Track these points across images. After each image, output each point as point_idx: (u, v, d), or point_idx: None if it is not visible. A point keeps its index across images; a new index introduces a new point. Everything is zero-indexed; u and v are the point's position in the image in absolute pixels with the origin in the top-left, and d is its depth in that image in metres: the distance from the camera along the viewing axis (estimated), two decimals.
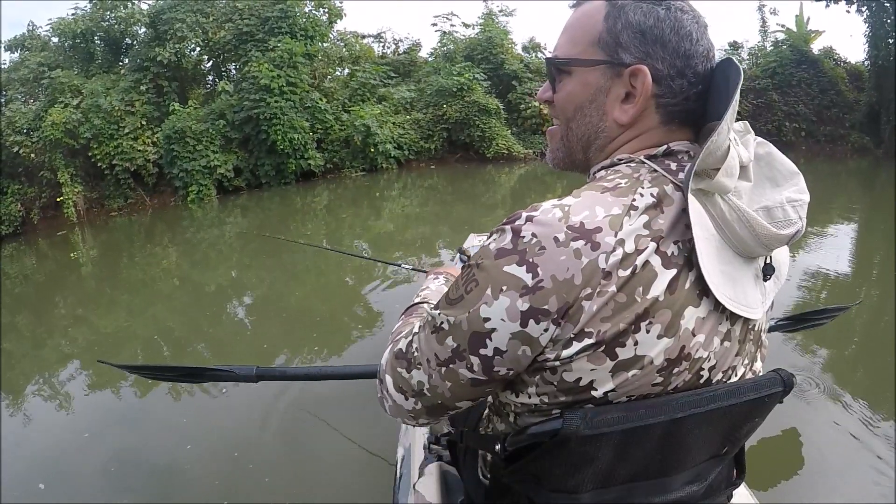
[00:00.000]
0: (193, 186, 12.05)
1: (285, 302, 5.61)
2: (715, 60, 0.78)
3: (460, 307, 0.71)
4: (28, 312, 6.65)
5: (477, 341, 0.70)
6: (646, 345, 0.67)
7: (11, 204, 11.62)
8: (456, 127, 14.25)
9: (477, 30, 16.45)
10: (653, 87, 0.75)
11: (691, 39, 0.75)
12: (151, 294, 6.74)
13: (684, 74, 0.75)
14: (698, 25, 0.76)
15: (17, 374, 4.59)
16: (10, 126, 11.75)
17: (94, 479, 2.81)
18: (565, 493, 0.77)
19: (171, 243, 9.58)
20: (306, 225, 9.50)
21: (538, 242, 0.66)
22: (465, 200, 10.16)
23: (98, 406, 3.70)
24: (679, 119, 0.79)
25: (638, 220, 0.68)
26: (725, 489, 0.93)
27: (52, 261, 9.71)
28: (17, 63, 14.27)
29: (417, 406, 0.82)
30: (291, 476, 2.63)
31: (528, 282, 0.65)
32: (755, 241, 0.72)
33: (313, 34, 13.93)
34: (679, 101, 0.77)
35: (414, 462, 1.37)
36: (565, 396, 0.71)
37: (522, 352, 0.69)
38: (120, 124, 12.17)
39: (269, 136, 12.38)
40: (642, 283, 0.66)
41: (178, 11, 13.20)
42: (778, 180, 0.78)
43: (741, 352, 0.78)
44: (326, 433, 2.92)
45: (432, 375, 0.77)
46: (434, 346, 0.75)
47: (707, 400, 0.73)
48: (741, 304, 0.72)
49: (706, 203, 0.72)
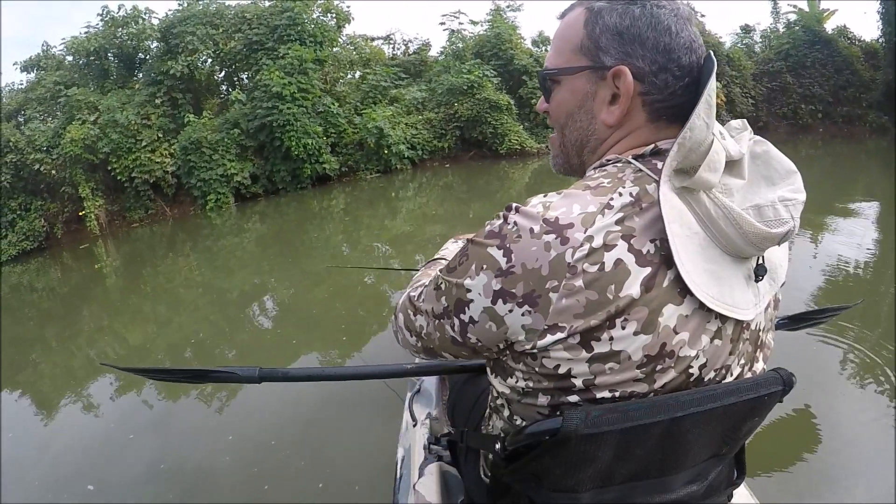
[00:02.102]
0: (211, 195, 12.19)
1: (309, 304, 5.65)
2: (701, 51, 0.78)
3: (454, 275, 0.78)
4: (56, 324, 6.75)
5: (459, 306, 0.78)
6: (622, 341, 0.69)
7: (35, 220, 11.86)
8: (468, 125, 14.25)
9: (485, 27, 16.44)
10: (637, 86, 0.77)
11: (670, 33, 0.75)
12: (175, 302, 6.81)
13: (667, 69, 0.76)
14: (677, 18, 0.76)
15: (48, 384, 4.69)
16: (30, 144, 11.94)
17: (143, 477, 2.86)
18: (565, 492, 0.78)
19: (192, 251, 9.69)
20: (324, 229, 9.54)
21: (517, 231, 0.70)
22: (481, 197, 10.14)
23: (136, 409, 3.76)
24: (667, 116, 0.79)
25: (611, 217, 0.69)
26: (726, 489, 0.94)
27: (77, 273, 9.85)
28: (33, 83, 14.52)
29: (418, 344, 0.93)
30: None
31: (502, 265, 0.71)
32: (743, 239, 0.71)
33: (322, 39, 14.03)
34: (666, 97, 0.77)
35: (414, 462, 1.36)
36: (548, 382, 0.74)
37: (489, 327, 0.75)
38: (137, 138, 12.34)
39: (283, 143, 12.47)
40: (614, 282, 0.67)
41: (189, 24, 13.38)
42: (774, 179, 0.77)
43: (735, 351, 0.78)
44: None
45: (428, 324, 0.86)
46: (432, 301, 0.84)
47: (707, 399, 0.74)
48: (726, 304, 0.72)
49: (690, 200, 0.72)
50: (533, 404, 0.78)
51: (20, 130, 12.35)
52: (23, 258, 11.51)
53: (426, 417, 1.60)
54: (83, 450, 3.27)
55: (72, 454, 3.24)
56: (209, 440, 3.12)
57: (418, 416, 1.63)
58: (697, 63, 0.76)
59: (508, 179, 12.12)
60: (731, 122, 0.82)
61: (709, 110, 0.70)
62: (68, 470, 3.07)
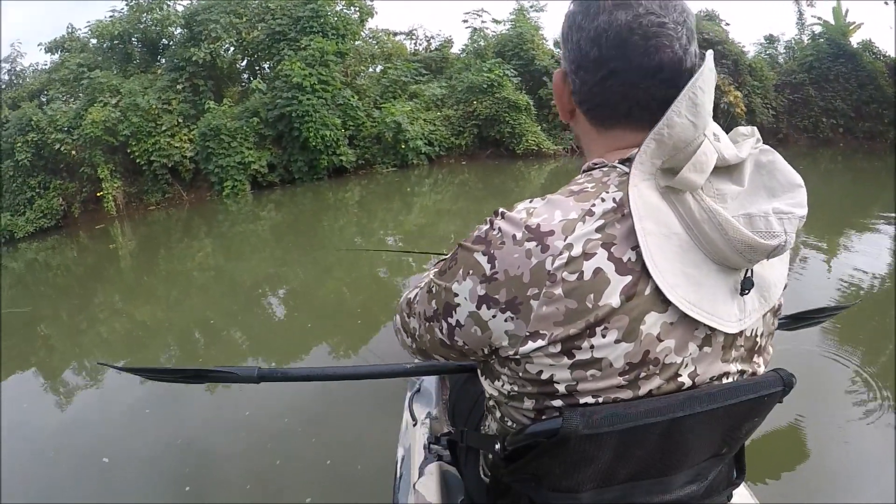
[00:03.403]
0: (228, 182, 12.26)
1: (323, 291, 5.67)
2: (621, 39, 0.71)
3: (443, 279, 0.79)
4: (69, 302, 6.83)
5: (447, 310, 0.79)
6: (602, 349, 0.69)
7: (54, 198, 12.08)
8: (486, 123, 14.20)
9: (508, 26, 16.40)
10: (569, 86, 0.79)
11: (581, 29, 0.74)
12: (188, 285, 6.86)
13: (581, 66, 0.75)
14: (587, 13, 0.73)
15: (60, 359, 4.76)
16: (51, 124, 12.08)
17: (159, 452, 2.88)
18: (565, 492, 0.78)
19: (207, 236, 9.75)
20: (338, 220, 9.56)
21: (501, 237, 0.71)
22: (496, 196, 10.11)
23: (152, 385, 3.72)
24: (601, 118, 0.78)
25: (591, 224, 0.68)
26: (725, 489, 0.94)
27: (93, 252, 9.94)
28: (57, 64, 14.69)
29: (413, 346, 0.94)
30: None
31: (486, 271, 0.71)
32: (728, 246, 0.67)
33: (344, 33, 14.04)
34: (585, 95, 0.77)
35: (414, 462, 1.36)
36: (532, 387, 0.74)
37: (474, 331, 0.75)
38: (157, 122, 12.45)
39: (301, 133, 12.50)
40: (593, 291, 0.67)
41: (212, 13, 13.45)
42: (775, 190, 0.72)
43: (728, 358, 0.77)
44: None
45: (420, 325, 0.87)
46: (425, 304, 0.85)
47: (706, 399, 0.73)
48: (704, 311, 0.70)
49: (675, 201, 0.70)
50: (519, 407, 0.79)
51: (42, 110, 12.48)
52: (39, 235, 11.68)
53: (426, 417, 1.60)
54: (100, 423, 3.28)
55: (89, 427, 3.26)
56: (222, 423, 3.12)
57: (418, 415, 1.63)
58: (619, 55, 0.71)
59: (524, 180, 12.09)
60: (738, 128, 0.80)
61: (694, 109, 0.67)
62: (84, 441, 3.10)
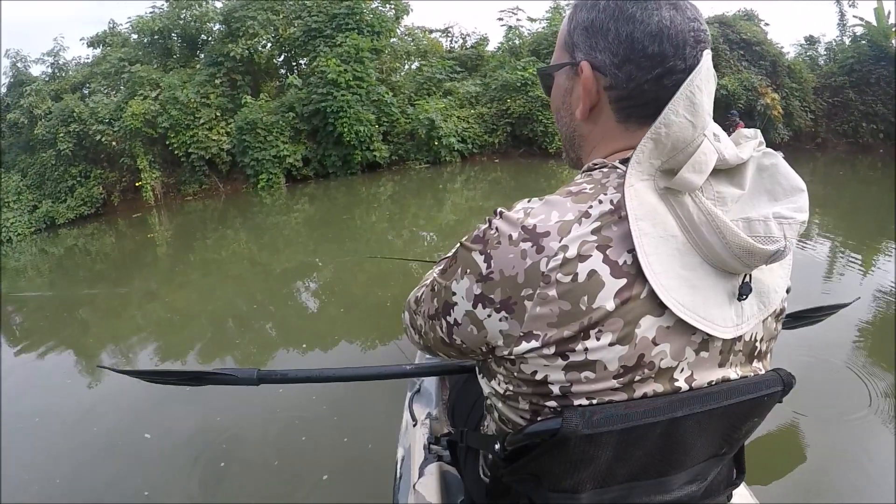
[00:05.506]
0: (264, 175, 12.49)
1: (352, 286, 5.67)
2: (681, 40, 0.70)
3: (444, 277, 0.79)
4: (106, 286, 6.96)
5: (446, 308, 0.79)
6: (597, 351, 0.67)
7: (94, 187, 12.51)
8: (519, 121, 14.17)
9: (543, 24, 16.34)
10: (602, 80, 0.74)
11: (633, 21, 0.71)
12: (221, 274, 6.94)
13: (630, 59, 0.71)
14: (645, 8, 0.71)
15: (98, 342, 4.87)
16: (93, 116, 12.45)
17: (197, 428, 2.93)
18: (565, 492, 0.77)
19: (241, 227, 9.87)
20: (371, 215, 9.61)
21: (497, 237, 0.70)
22: (528, 195, 9.26)
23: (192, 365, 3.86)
24: (636, 115, 0.75)
25: (588, 226, 0.67)
26: (725, 489, 0.93)
27: (130, 240, 10.16)
28: (98, 58, 15.13)
29: (420, 342, 0.94)
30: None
31: (482, 270, 0.71)
32: (725, 250, 0.66)
33: (380, 30, 14.15)
34: (632, 91, 0.73)
35: (414, 462, 1.34)
36: (526, 387, 0.74)
37: (471, 330, 0.75)
38: (196, 115, 12.74)
39: (336, 129, 12.63)
40: (587, 293, 0.65)
41: (250, 10, 13.70)
42: (777, 195, 0.71)
43: (726, 363, 0.75)
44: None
45: (426, 323, 0.87)
46: (428, 302, 0.85)
47: (706, 399, 0.72)
48: (698, 315, 0.68)
49: (674, 203, 0.69)
50: (515, 407, 0.78)
51: (84, 102, 12.85)
52: (79, 222, 12.03)
53: (426, 417, 1.58)
54: (141, 400, 3.27)
55: (132, 405, 3.27)
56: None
57: (418, 415, 1.61)
58: (678, 54, 0.70)
59: (556, 178, 11.99)
60: (742, 130, 0.78)
61: (692, 108, 0.66)
62: (127, 418, 3.13)
